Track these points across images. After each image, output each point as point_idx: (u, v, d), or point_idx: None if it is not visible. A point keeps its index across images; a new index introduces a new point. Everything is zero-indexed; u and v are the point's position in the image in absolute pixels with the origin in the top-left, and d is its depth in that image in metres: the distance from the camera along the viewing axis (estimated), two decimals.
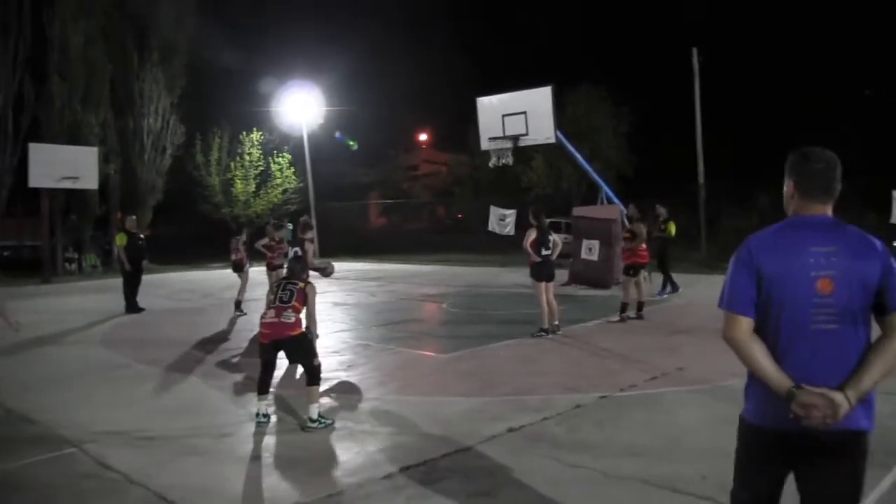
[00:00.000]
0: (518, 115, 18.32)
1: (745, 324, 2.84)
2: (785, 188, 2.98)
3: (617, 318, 12.54)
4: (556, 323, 11.40)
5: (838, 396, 2.65)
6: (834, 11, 43.36)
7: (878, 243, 2.80)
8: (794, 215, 2.93)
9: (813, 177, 2.87)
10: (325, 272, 10.42)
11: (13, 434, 6.64)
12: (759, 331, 2.86)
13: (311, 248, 11.40)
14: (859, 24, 41.90)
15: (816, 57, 42.07)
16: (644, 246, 13.02)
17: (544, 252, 11.22)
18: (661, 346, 10.13)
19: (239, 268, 14.97)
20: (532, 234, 11.27)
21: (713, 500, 4.60)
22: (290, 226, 15.39)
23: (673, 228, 16.13)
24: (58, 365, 9.00)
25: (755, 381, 2.91)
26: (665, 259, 16.13)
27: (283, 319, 6.58)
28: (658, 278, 17.89)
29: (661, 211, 16.28)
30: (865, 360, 2.71)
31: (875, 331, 2.79)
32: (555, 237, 11.45)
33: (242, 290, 14.72)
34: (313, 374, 6.61)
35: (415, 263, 29.08)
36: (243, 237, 15.57)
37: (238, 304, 14.62)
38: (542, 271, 11.28)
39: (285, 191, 35.18)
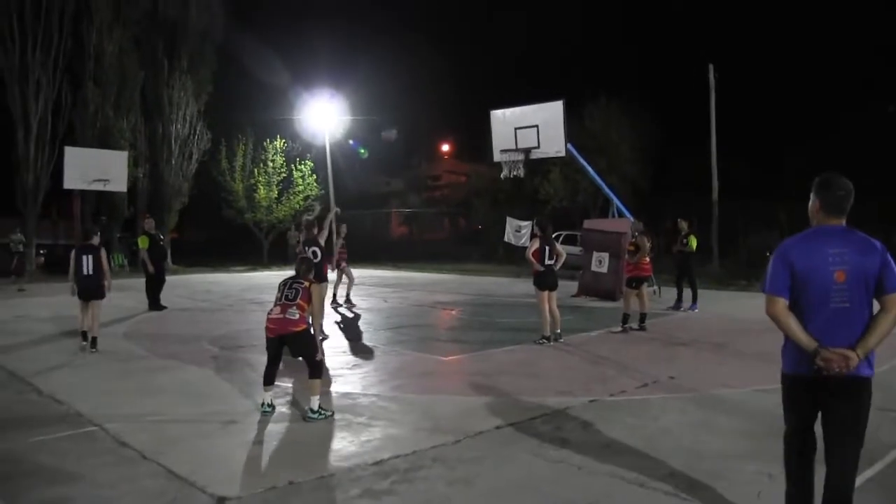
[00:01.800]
0: (530, 128, 18.53)
1: (782, 302, 3.93)
2: (811, 204, 4.06)
3: (619, 328, 12.81)
4: (559, 331, 11.67)
5: (852, 354, 3.76)
6: (856, 28, 43.07)
7: (877, 244, 3.89)
8: (818, 226, 4.02)
9: (835, 200, 3.96)
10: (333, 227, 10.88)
11: (43, 412, 7.28)
12: (794, 308, 3.93)
13: (322, 238, 11.22)
14: (882, 40, 41.59)
15: (837, 73, 41.74)
16: (647, 259, 13.24)
17: (547, 262, 11.50)
18: (658, 356, 10.39)
19: (337, 265, 16.68)
20: (535, 244, 11.55)
21: (676, 497, 4.94)
22: None
23: (694, 242, 16.18)
24: (85, 354, 9.63)
25: (789, 344, 4.01)
26: (690, 273, 16.18)
27: (287, 316, 6.99)
28: (668, 293, 18.17)
29: (683, 225, 16.34)
30: (870, 327, 3.83)
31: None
32: (559, 248, 11.72)
33: (350, 285, 16.92)
34: (315, 368, 7.02)
35: (432, 272, 29.46)
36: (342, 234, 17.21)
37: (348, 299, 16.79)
38: (545, 280, 11.55)
39: (307, 197, 35.67)
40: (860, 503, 4.75)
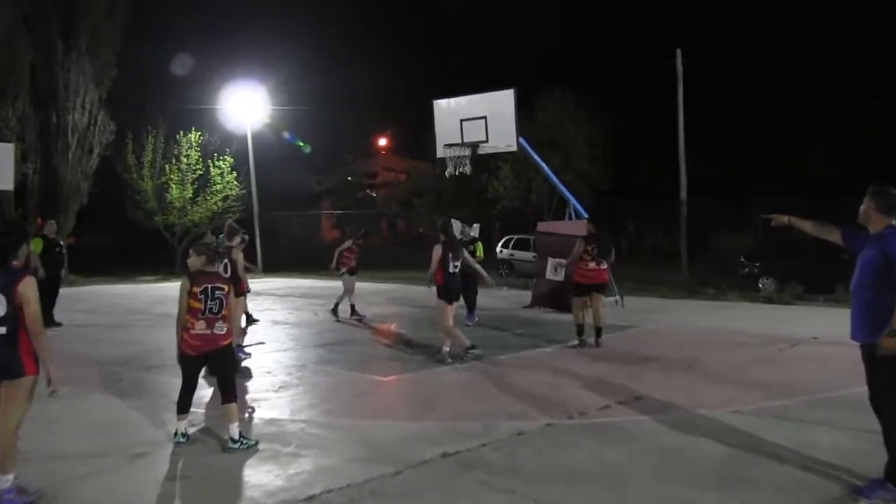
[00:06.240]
0: (478, 119, 18.47)
1: None
2: (866, 207, 5.68)
3: (577, 342, 12.87)
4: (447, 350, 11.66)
5: None
6: (837, 15, 43.89)
7: None
8: (891, 224, 5.59)
9: (891, 203, 5.62)
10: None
11: None
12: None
13: (240, 257, 11.55)
14: (864, 29, 42.40)
15: (819, 64, 42.23)
16: (590, 265, 12.92)
17: (452, 269, 11.54)
18: (621, 374, 10.44)
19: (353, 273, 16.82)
20: (437, 251, 11.53)
21: None
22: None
23: (480, 250, 16.26)
24: None
25: None
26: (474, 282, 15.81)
27: (215, 331, 6.90)
28: (631, 303, 18.41)
29: (466, 230, 16.34)
30: None
31: None
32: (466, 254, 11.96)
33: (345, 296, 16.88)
34: (230, 391, 6.94)
35: (368, 281, 29.22)
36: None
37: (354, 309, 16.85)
38: (450, 290, 11.63)
39: (226, 198, 35.17)
40: None
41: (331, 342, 13.68)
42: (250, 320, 15.53)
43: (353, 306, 16.96)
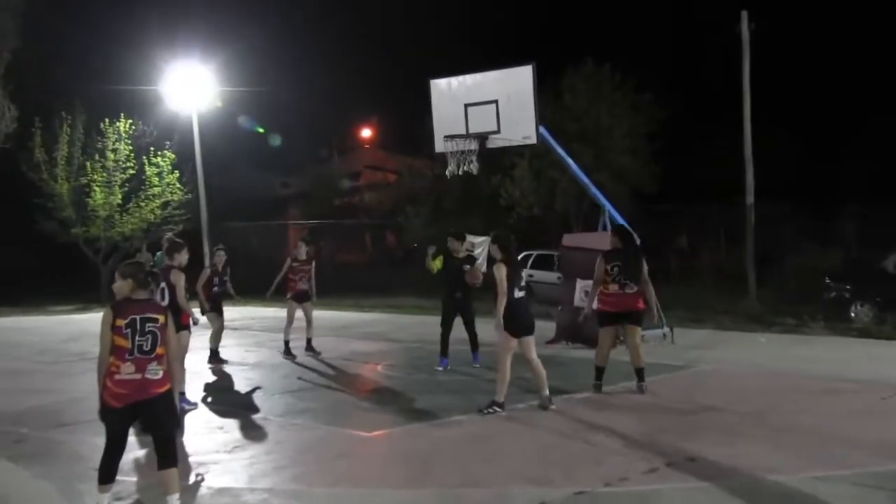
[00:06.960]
0: (487, 104, 18.31)
1: None
2: None
3: (636, 386, 12.73)
4: (547, 394, 11.58)
5: None
6: None
7: None
8: None
9: None
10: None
11: None
12: None
13: (181, 279, 11.54)
14: None
15: None
16: (612, 289, 12.69)
17: (517, 294, 11.43)
18: (671, 428, 10.40)
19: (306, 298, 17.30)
20: (502, 270, 11.36)
21: None
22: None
23: (438, 263, 15.65)
24: None
25: None
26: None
27: (148, 375, 6.82)
28: (683, 336, 18.31)
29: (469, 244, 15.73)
30: None
31: None
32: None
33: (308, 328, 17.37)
34: (172, 452, 6.88)
35: (348, 309, 29.36)
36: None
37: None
38: (520, 320, 11.47)
39: (166, 204, 35.05)
40: None
41: (300, 388, 13.73)
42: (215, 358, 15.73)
43: (308, 340, 17.41)
